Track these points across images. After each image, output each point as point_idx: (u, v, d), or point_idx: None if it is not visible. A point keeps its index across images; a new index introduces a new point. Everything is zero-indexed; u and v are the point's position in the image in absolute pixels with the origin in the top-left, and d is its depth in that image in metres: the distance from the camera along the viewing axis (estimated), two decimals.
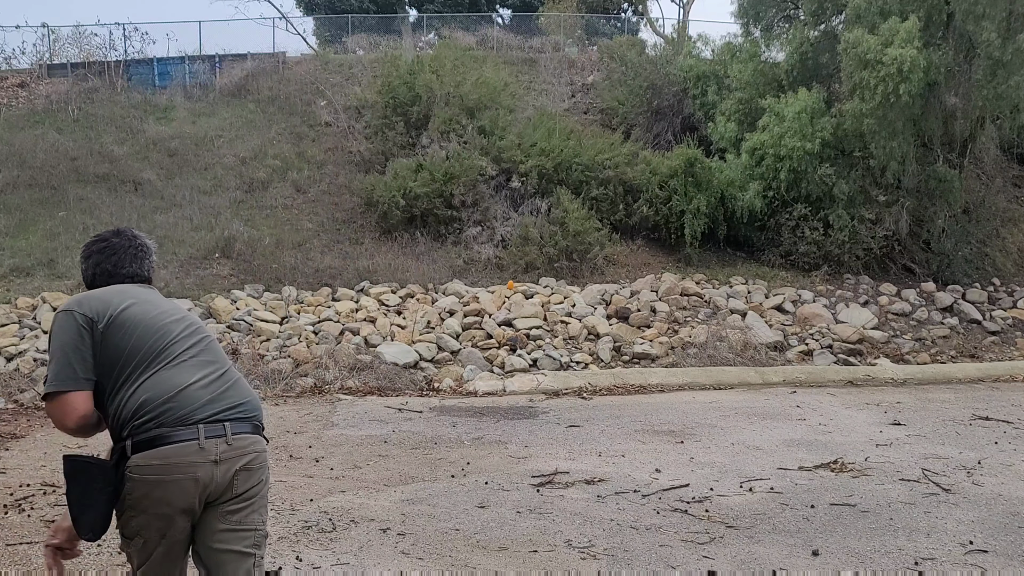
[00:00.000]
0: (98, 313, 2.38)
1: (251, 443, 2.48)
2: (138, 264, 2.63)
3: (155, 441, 2.30)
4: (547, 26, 23.72)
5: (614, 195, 14.24)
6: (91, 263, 2.61)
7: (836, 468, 5.99)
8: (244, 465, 2.43)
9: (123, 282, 2.57)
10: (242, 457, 2.43)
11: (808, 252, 13.56)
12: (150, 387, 2.35)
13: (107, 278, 2.58)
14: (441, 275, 12.78)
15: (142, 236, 2.72)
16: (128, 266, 2.61)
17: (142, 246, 2.68)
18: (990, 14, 12.04)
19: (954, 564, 4.18)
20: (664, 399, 8.95)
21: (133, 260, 2.63)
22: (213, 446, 2.36)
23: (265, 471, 2.55)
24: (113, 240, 2.64)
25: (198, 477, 2.33)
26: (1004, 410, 8.33)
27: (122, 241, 2.65)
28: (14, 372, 9.23)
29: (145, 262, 2.66)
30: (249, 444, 2.47)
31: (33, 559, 4.08)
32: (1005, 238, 15.01)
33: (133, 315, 2.42)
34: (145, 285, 2.62)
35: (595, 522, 4.76)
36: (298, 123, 17.16)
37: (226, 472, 2.39)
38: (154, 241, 2.79)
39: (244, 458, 2.43)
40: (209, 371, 2.46)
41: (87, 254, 2.63)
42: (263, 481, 2.54)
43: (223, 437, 2.38)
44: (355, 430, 7.24)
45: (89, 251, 2.63)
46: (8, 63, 19.95)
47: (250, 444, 2.47)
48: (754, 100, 14.44)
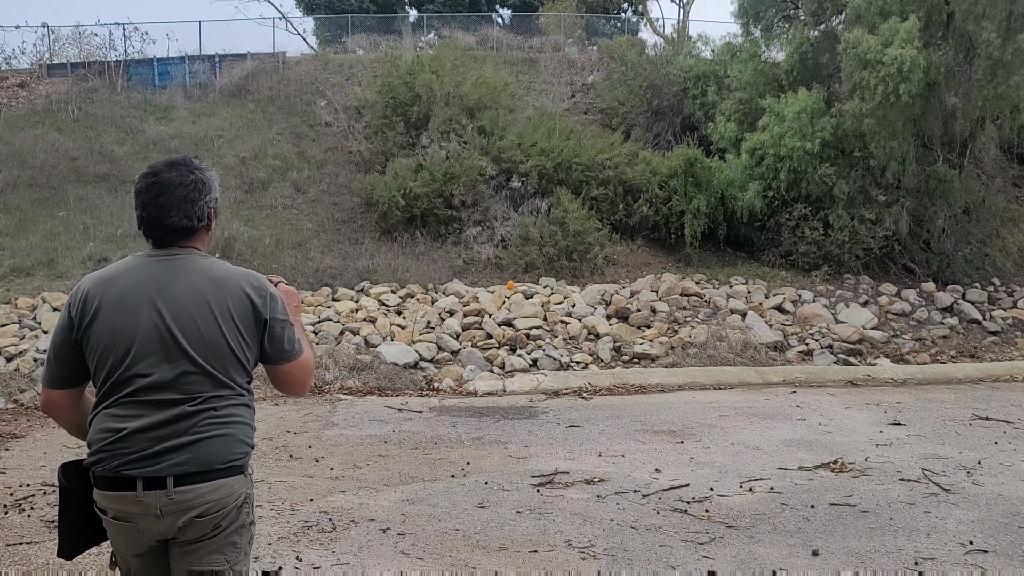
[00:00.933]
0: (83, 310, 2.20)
1: (200, 495, 2.17)
2: (187, 209, 2.25)
3: (100, 482, 2.19)
4: (547, 26, 23.73)
5: (614, 195, 14.24)
6: (138, 203, 2.28)
7: (836, 468, 5.99)
8: (192, 518, 2.17)
9: (164, 238, 2.26)
10: (188, 511, 2.16)
11: (808, 252, 13.56)
12: (100, 423, 2.18)
13: (151, 228, 2.26)
14: (441, 275, 12.78)
15: (202, 169, 2.34)
16: (174, 214, 2.24)
17: (197, 183, 2.29)
18: (990, 14, 12.04)
19: (954, 564, 4.18)
20: (664, 399, 8.95)
21: (182, 205, 2.25)
22: (153, 499, 2.13)
23: (228, 514, 2.23)
24: (163, 176, 2.27)
25: (140, 528, 2.17)
26: (1004, 410, 8.32)
27: (173, 176, 2.27)
28: (14, 372, 9.23)
29: (197, 205, 2.27)
30: (197, 496, 2.16)
31: (33, 559, 4.09)
32: (1005, 238, 15.01)
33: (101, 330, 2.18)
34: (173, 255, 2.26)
35: (595, 522, 4.76)
36: (298, 123, 17.17)
37: (172, 524, 2.17)
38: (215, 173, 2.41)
39: (191, 511, 2.17)
40: (163, 415, 2.15)
41: (137, 189, 2.30)
42: (222, 525, 2.23)
43: (164, 491, 2.13)
44: (355, 430, 7.24)
45: (139, 186, 2.30)
46: (8, 63, 19.99)
47: (199, 496, 2.17)
48: (754, 100, 14.44)
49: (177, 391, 2.17)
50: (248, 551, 2.36)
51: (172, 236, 2.27)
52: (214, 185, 2.36)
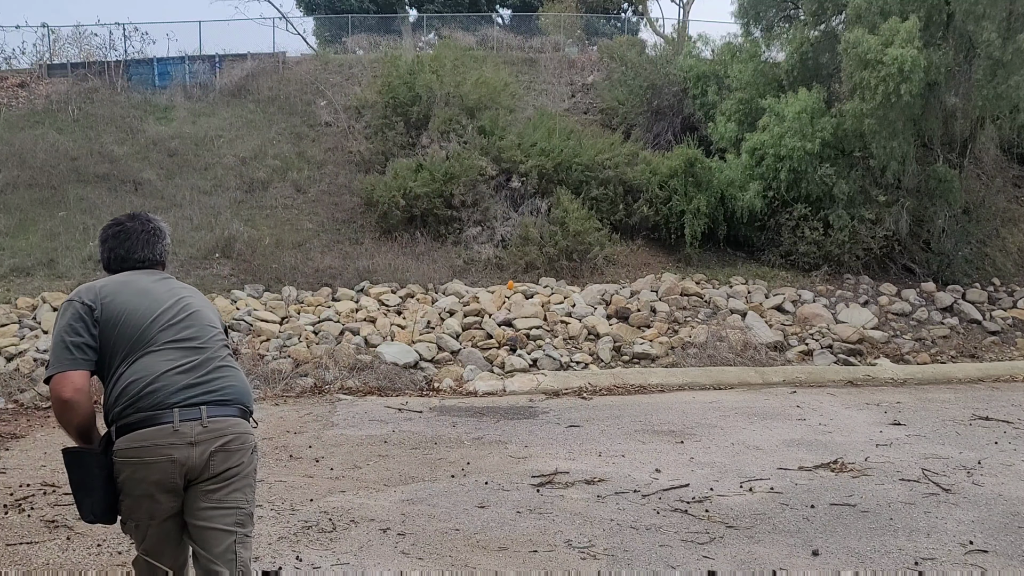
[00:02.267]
0: (95, 301, 2.51)
1: (228, 425, 2.53)
2: (150, 249, 2.76)
3: (134, 425, 2.43)
4: (547, 26, 23.72)
5: (614, 195, 14.24)
6: (106, 247, 2.75)
7: (836, 468, 5.99)
8: (221, 446, 2.49)
9: (135, 267, 2.72)
10: (218, 439, 2.49)
11: (808, 252, 13.56)
12: (131, 374, 2.47)
13: (120, 263, 2.73)
14: (441, 275, 12.78)
15: (156, 220, 2.84)
16: (140, 251, 2.74)
17: (155, 230, 2.80)
18: (990, 14, 12.04)
19: (954, 564, 4.18)
20: (664, 399, 8.95)
21: (146, 245, 2.76)
22: (188, 428, 2.44)
23: (247, 452, 2.60)
24: (127, 224, 2.77)
25: (175, 458, 2.42)
26: (1004, 410, 8.33)
27: (136, 225, 2.78)
28: (14, 372, 9.23)
29: (157, 246, 2.79)
30: (227, 426, 2.53)
31: (33, 559, 4.09)
32: (1005, 238, 15.01)
33: (124, 305, 2.53)
34: (154, 271, 2.76)
35: (595, 522, 4.76)
36: (298, 123, 17.17)
37: (202, 453, 2.46)
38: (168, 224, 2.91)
39: (220, 439, 2.49)
40: (191, 357, 2.55)
41: (103, 238, 2.77)
42: (244, 462, 2.58)
43: (198, 420, 2.46)
44: (355, 430, 7.24)
45: (105, 235, 2.77)
46: (8, 63, 19.96)
47: (228, 426, 2.53)
48: (754, 100, 14.44)
49: (197, 343, 2.59)
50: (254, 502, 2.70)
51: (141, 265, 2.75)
52: (167, 233, 2.88)
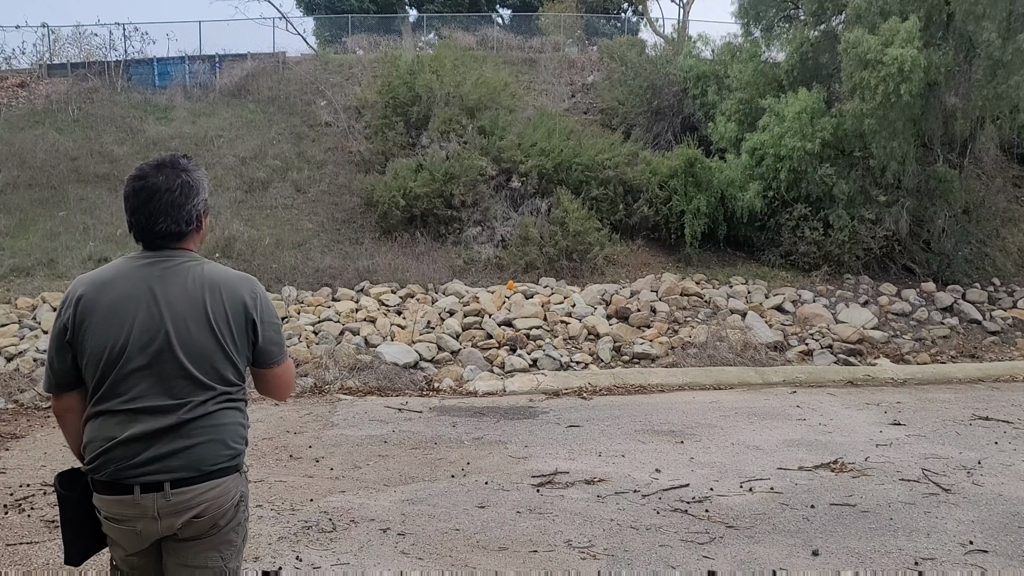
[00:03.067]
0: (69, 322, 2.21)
1: (197, 495, 2.21)
2: (175, 215, 2.23)
3: (98, 487, 2.23)
4: (547, 26, 23.72)
5: (614, 195, 14.24)
6: (127, 208, 2.28)
7: (836, 468, 5.99)
8: (186, 520, 2.22)
9: (155, 243, 2.26)
10: (186, 511, 2.21)
11: (808, 252, 13.56)
12: (93, 430, 2.22)
13: (142, 233, 2.27)
14: (441, 275, 12.78)
15: (190, 169, 2.30)
16: (163, 220, 2.23)
17: (185, 186, 2.25)
18: (990, 14, 12.04)
19: (954, 564, 4.18)
20: (664, 399, 8.95)
21: (170, 210, 2.23)
22: (151, 502, 2.18)
23: (223, 516, 2.28)
24: (151, 180, 2.24)
25: (139, 530, 2.22)
26: (1004, 410, 8.32)
27: (161, 180, 2.24)
28: (14, 372, 9.23)
29: (186, 209, 2.25)
30: (194, 497, 2.21)
31: (33, 559, 4.09)
32: (1005, 238, 15.01)
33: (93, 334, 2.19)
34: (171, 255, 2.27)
35: (595, 522, 4.76)
36: (298, 123, 17.17)
37: (170, 525, 2.22)
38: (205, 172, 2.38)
39: (188, 512, 2.21)
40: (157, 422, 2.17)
41: (125, 193, 2.29)
42: (219, 525, 2.28)
43: (161, 493, 2.18)
44: (355, 430, 7.24)
45: (127, 190, 2.28)
46: (8, 63, 19.97)
47: (195, 497, 2.21)
48: (754, 100, 14.44)
49: (170, 397, 2.19)
50: (242, 548, 2.41)
51: (163, 240, 2.27)
52: (203, 185, 2.32)
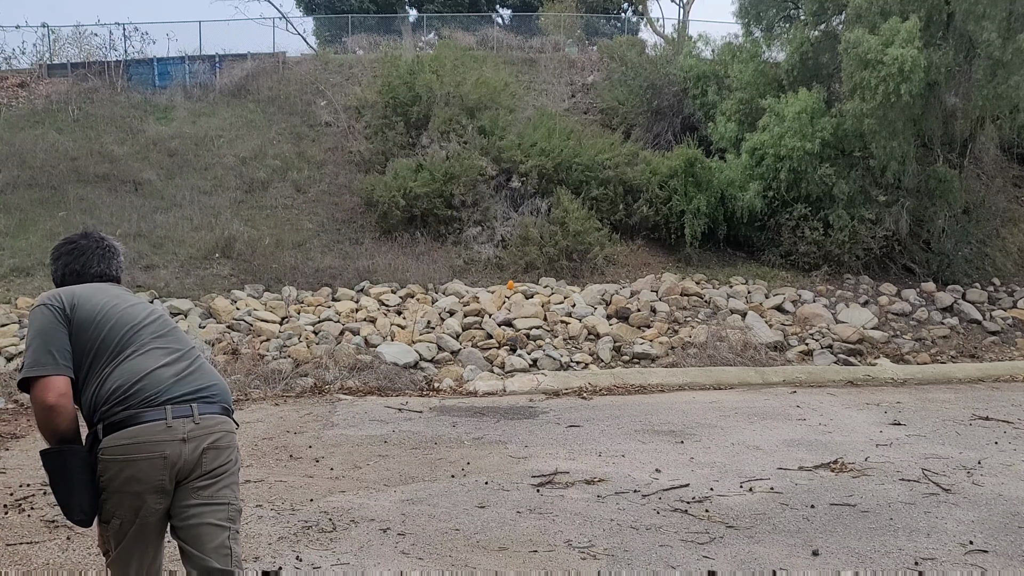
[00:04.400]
0: (70, 305, 2.50)
1: (218, 423, 2.56)
2: (106, 264, 2.76)
3: (124, 422, 2.42)
4: (547, 26, 23.72)
5: (614, 195, 14.24)
6: (60, 264, 2.73)
7: (836, 468, 5.99)
8: (212, 443, 2.51)
9: (91, 280, 2.70)
10: (209, 435, 2.51)
11: (808, 252, 13.56)
12: (119, 374, 2.47)
13: (76, 278, 2.70)
14: (441, 275, 12.78)
15: (109, 238, 2.84)
16: (96, 266, 2.73)
17: (109, 247, 2.80)
18: (990, 14, 12.04)
19: (954, 564, 4.18)
20: (664, 399, 8.95)
21: (100, 260, 2.75)
22: (180, 425, 2.46)
23: (234, 450, 2.63)
24: (81, 242, 2.76)
25: (167, 455, 2.42)
26: (1004, 410, 8.32)
27: (89, 243, 2.77)
28: (14, 372, 9.23)
29: (113, 262, 2.79)
30: (216, 424, 2.55)
31: (33, 559, 4.09)
32: (1005, 238, 15.01)
33: (102, 306, 2.55)
34: (113, 284, 2.75)
35: (595, 522, 4.76)
36: (298, 123, 17.16)
37: (194, 450, 2.47)
38: (121, 243, 2.90)
39: (211, 436, 2.52)
40: (175, 356, 2.58)
41: (56, 256, 2.75)
42: (232, 460, 2.61)
43: (190, 417, 2.48)
44: (355, 430, 7.24)
45: (58, 253, 2.75)
46: (8, 63, 19.97)
47: (217, 424, 2.56)
48: (754, 100, 14.44)
49: (177, 344, 2.64)
50: None
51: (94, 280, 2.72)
52: (121, 251, 2.87)
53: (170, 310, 10.77)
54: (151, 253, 12.34)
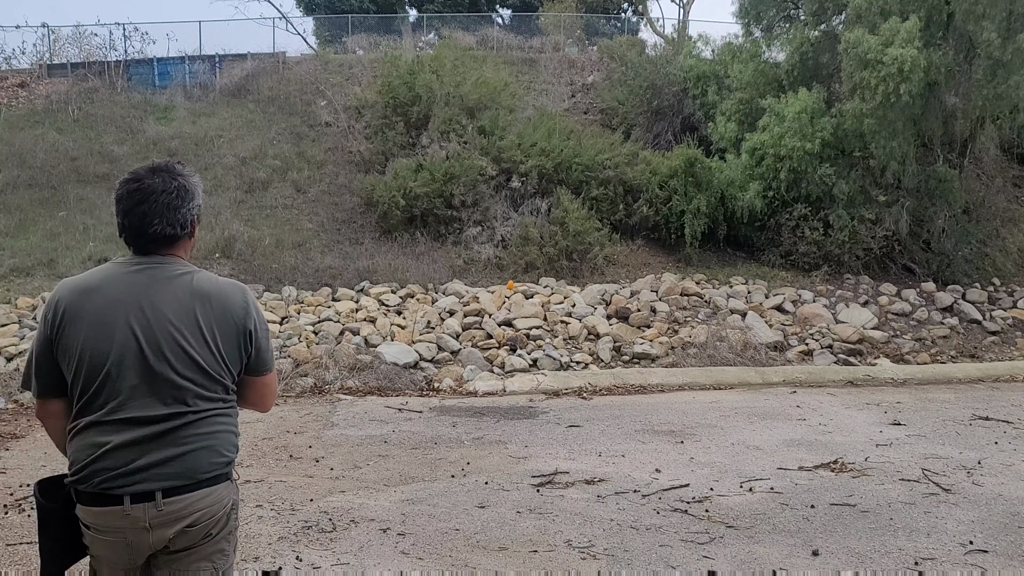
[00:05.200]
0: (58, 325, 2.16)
1: (189, 504, 2.17)
2: (170, 218, 2.20)
3: (84, 498, 2.15)
4: (547, 26, 23.72)
5: (614, 195, 14.24)
6: (119, 210, 2.22)
7: (836, 468, 5.99)
8: (178, 530, 2.16)
9: (147, 247, 2.22)
10: (178, 521, 2.16)
11: (808, 252, 13.56)
12: (80, 440, 2.15)
13: (133, 237, 2.22)
14: (441, 275, 12.78)
15: (185, 174, 2.28)
16: (157, 222, 2.19)
17: (180, 189, 2.23)
18: (990, 14, 12.04)
19: (954, 564, 4.18)
20: (664, 399, 8.95)
21: (165, 212, 2.19)
22: (141, 512, 2.12)
23: (217, 524, 2.24)
24: (146, 182, 2.21)
25: (129, 542, 2.14)
26: (1004, 410, 8.32)
27: (156, 183, 2.21)
28: (14, 372, 9.23)
29: (180, 212, 2.22)
30: (187, 506, 2.16)
31: (33, 559, 4.09)
32: (1005, 238, 15.01)
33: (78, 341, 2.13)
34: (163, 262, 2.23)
35: (595, 522, 4.76)
36: (298, 123, 17.16)
37: (162, 536, 2.15)
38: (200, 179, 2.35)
39: (181, 522, 2.16)
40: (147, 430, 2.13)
41: (118, 196, 2.23)
42: (213, 534, 2.24)
43: (153, 503, 2.12)
44: (355, 430, 7.24)
45: (120, 193, 2.23)
46: (8, 63, 19.97)
47: (188, 505, 2.16)
48: (754, 100, 14.44)
49: (161, 405, 2.15)
50: (233, 556, 2.37)
51: (154, 244, 2.23)
52: (197, 191, 2.30)
53: None
54: None
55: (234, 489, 2.33)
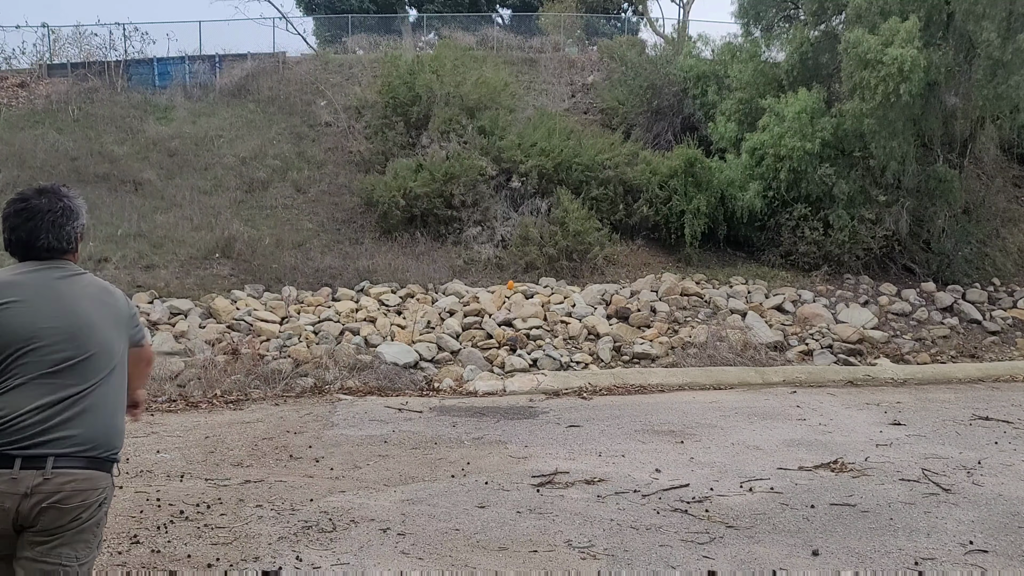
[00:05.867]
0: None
1: (70, 479, 2.27)
2: (56, 233, 2.39)
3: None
4: (547, 26, 23.72)
5: (614, 195, 14.24)
6: (7, 227, 2.40)
7: (836, 468, 5.99)
8: (53, 502, 2.25)
9: (38, 256, 2.40)
10: (55, 494, 2.25)
11: (808, 252, 13.56)
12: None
13: (23, 249, 2.40)
14: (441, 275, 12.78)
15: (71, 196, 2.48)
16: (45, 236, 2.38)
17: (66, 210, 2.42)
18: (990, 14, 12.04)
19: (954, 564, 4.18)
20: (664, 399, 8.95)
21: (51, 228, 2.39)
22: (28, 478, 2.22)
23: (87, 509, 2.33)
24: (33, 201, 2.40)
25: (6, 507, 2.22)
26: (1004, 410, 8.33)
27: (43, 202, 2.39)
28: None
29: (66, 228, 2.42)
30: (67, 480, 2.27)
31: None
32: (1005, 238, 15.01)
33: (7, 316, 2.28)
34: (59, 265, 2.42)
35: (595, 522, 4.76)
36: (298, 123, 17.16)
37: (34, 507, 2.23)
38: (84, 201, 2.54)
39: (56, 495, 2.25)
40: (58, 396, 2.28)
41: (5, 214, 2.40)
42: (82, 519, 2.32)
43: (41, 470, 2.23)
44: (355, 430, 7.24)
45: (7, 211, 2.40)
46: (8, 63, 19.93)
47: (69, 480, 2.27)
48: (754, 100, 14.44)
49: (73, 377, 2.32)
50: (95, 553, 2.44)
51: (42, 255, 2.42)
52: (82, 212, 2.50)
53: (170, 310, 10.78)
54: (151, 253, 12.34)
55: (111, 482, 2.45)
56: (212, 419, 7.66)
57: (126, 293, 2.76)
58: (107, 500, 2.42)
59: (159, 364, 9.25)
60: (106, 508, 2.44)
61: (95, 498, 2.35)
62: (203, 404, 8.32)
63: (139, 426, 6.44)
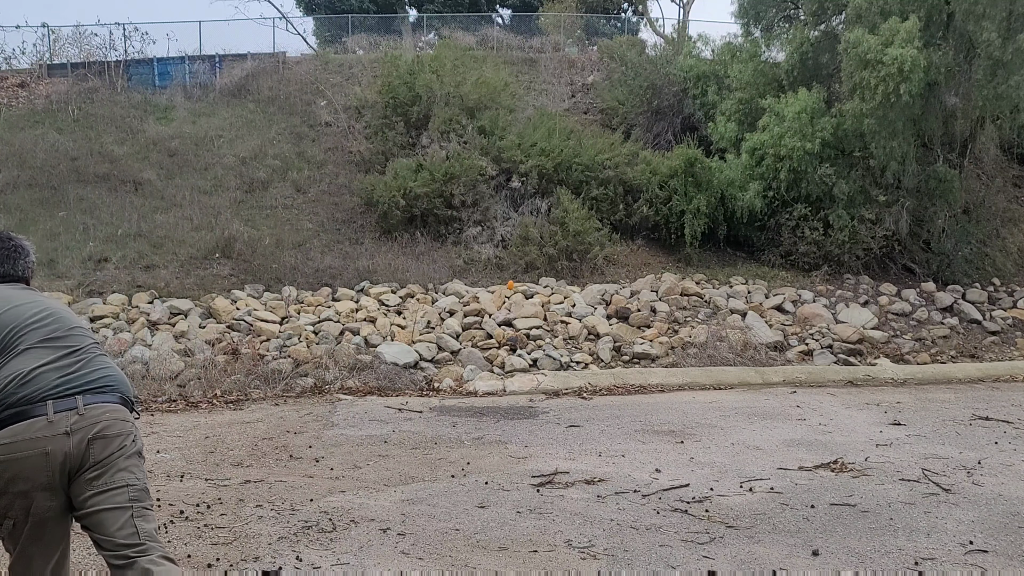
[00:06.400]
0: None
1: (105, 411, 2.54)
2: (11, 264, 2.83)
3: (5, 422, 2.40)
4: (547, 26, 23.72)
5: (614, 195, 14.24)
6: None
7: (836, 468, 5.99)
8: (97, 433, 2.48)
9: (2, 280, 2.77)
10: (95, 425, 2.49)
11: (808, 252, 13.56)
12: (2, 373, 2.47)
13: None
14: (441, 275, 12.78)
15: (19, 239, 2.92)
16: (1, 266, 2.81)
17: (17, 247, 2.88)
18: (990, 14, 12.04)
19: (954, 564, 4.18)
20: (664, 399, 8.95)
21: (6, 260, 2.82)
22: (63, 419, 2.43)
23: (127, 436, 2.60)
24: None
25: (48, 451, 2.39)
26: (1004, 410, 8.33)
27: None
28: None
29: (19, 262, 2.85)
30: (102, 412, 2.53)
31: None
32: (1005, 238, 15.01)
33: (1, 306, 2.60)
34: (16, 284, 2.81)
35: (595, 522, 4.76)
36: (298, 123, 17.16)
37: (80, 442, 2.44)
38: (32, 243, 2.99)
39: (97, 426, 2.49)
40: (63, 353, 2.58)
41: None
42: (127, 445, 2.58)
43: (74, 409, 2.46)
44: (355, 430, 7.24)
45: None
46: (8, 63, 19.92)
47: (103, 412, 2.53)
48: (754, 100, 14.43)
49: (69, 342, 2.63)
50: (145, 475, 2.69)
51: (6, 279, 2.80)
52: (31, 252, 2.93)
53: (170, 310, 10.78)
54: (151, 253, 12.33)
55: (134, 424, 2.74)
56: (212, 419, 7.66)
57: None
58: (138, 438, 2.68)
59: (159, 364, 9.26)
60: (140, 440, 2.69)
61: (130, 428, 2.63)
62: (203, 404, 8.32)
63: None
